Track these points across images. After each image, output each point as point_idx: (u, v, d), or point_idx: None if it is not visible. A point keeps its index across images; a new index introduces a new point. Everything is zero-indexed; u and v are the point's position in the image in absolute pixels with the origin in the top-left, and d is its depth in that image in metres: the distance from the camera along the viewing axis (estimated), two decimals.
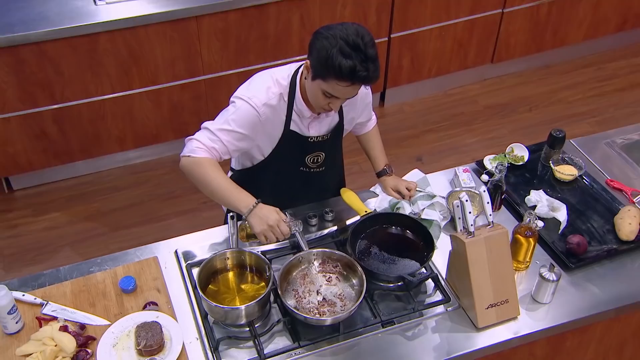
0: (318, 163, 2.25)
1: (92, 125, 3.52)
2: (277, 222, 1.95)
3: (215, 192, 1.99)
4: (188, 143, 2.04)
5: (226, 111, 2.06)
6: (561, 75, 4.56)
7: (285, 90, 2.05)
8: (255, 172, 2.23)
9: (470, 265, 1.92)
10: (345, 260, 2.04)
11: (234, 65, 3.60)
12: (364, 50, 1.83)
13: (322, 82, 1.91)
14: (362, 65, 1.83)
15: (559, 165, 2.49)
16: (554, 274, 2.00)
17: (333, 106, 1.98)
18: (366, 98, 2.26)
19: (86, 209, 3.57)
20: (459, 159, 3.81)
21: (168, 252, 2.18)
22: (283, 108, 2.07)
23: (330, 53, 1.83)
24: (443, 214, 2.29)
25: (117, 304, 2.00)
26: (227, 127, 2.02)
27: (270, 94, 2.03)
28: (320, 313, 1.94)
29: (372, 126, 2.43)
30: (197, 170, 2.00)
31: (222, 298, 1.98)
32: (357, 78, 1.85)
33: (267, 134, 2.10)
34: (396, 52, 4.00)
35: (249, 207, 1.95)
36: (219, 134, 2.01)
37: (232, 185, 1.99)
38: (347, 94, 1.93)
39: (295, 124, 2.11)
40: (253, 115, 2.02)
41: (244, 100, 2.02)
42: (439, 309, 2.02)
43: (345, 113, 2.20)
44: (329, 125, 2.19)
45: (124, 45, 3.29)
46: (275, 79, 2.06)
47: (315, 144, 2.18)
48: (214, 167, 1.99)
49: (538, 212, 2.30)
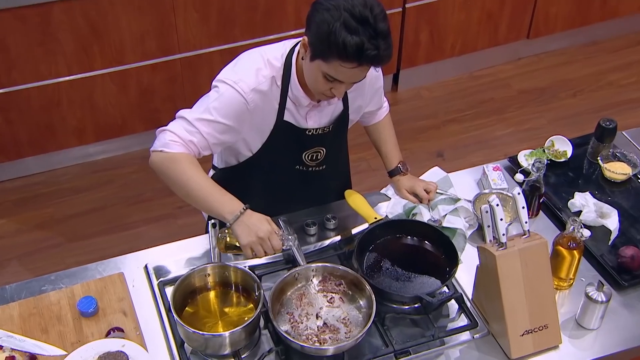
0: (318, 160, 2.25)
1: (45, 113, 3.52)
2: (268, 234, 1.93)
3: (192, 195, 1.98)
4: (160, 135, 2.03)
5: (207, 97, 2.06)
6: (611, 54, 4.56)
7: (279, 73, 2.05)
8: (242, 171, 2.23)
9: (501, 283, 1.92)
10: (350, 277, 2.04)
11: (216, 41, 3.60)
12: (373, 25, 1.83)
13: (322, 63, 1.91)
14: (371, 43, 1.83)
15: (609, 162, 2.49)
16: (603, 294, 2.00)
17: (336, 92, 1.98)
18: (376, 82, 2.27)
19: (37, 215, 3.57)
20: (487, 155, 3.81)
21: (136, 267, 2.18)
22: (276, 94, 2.07)
23: (333, 28, 1.83)
24: (469, 221, 2.30)
25: (75, 330, 2.00)
26: (208, 116, 2.02)
27: (260, 78, 2.03)
28: (320, 341, 1.94)
29: (384, 115, 2.43)
30: (171, 168, 1.99)
31: (202, 323, 1.98)
32: (365, 58, 1.85)
33: (256, 126, 2.10)
34: (412, 26, 4.00)
35: (234, 213, 1.94)
36: (197, 125, 2.01)
37: (214, 186, 1.99)
38: (352, 77, 1.93)
39: (290, 114, 2.12)
40: (239, 103, 2.02)
41: (228, 84, 2.02)
42: (464, 336, 2.02)
43: (351, 100, 2.21)
44: (331, 115, 2.19)
45: (82, 17, 3.29)
46: (267, 60, 2.06)
47: (315, 137, 2.18)
48: (191, 164, 1.99)
49: (584, 219, 2.30)
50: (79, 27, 3.31)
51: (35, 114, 3.50)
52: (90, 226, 3.51)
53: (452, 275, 2.06)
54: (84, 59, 3.42)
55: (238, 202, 1.96)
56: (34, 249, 3.41)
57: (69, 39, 3.33)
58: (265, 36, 3.62)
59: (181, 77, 3.65)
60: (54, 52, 3.35)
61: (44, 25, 3.25)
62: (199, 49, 3.59)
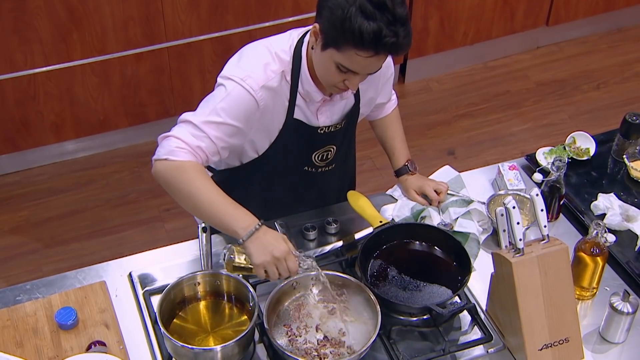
0: (327, 160, 2.25)
1: (20, 107, 3.52)
2: (285, 255, 1.88)
3: (202, 208, 1.95)
4: (164, 142, 1.99)
5: (212, 97, 2.03)
6: (638, 42, 4.56)
7: (288, 67, 2.05)
8: (244, 172, 2.22)
9: (518, 293, 1.92)
10: (353, 286, 2.04)
11: (207, 28, 3.60)
12: (391, 9, 1.83)
13: (335, 52, 1.90)
14: (389, 29, 1.83)
15: (636, 160, 2.50)
16: (629, 305, 2.00)
17: (350, 84, 1.97)
18: (387, 71, 2.27)
19: (11, 218, 3.57)
20: (503, 153, 3.82)
21: (120, 275, 2.18)
22: (285, 91, 2.07)
23: (348, 13, 1.82)
24: (482, 225, 2.30)
25: (53, 344, 2.00)
26: (216, 118, 1.99)
27: (269, 73, 2.02)
28: (320, 356, 1.94)
29: (392, 109, 2.44)
30: (177, 178, 1.95)
31: (192, 336, 1.98)
32: (382, 46, 1.85)
33: (265, 126, 2.10)
34: (421, 12, 4.00)
35: (249, 229, 1.88)
36: (205, 129, 1.98)
37: (225, 199, 1.94)
38: (368, 67, 1.93)
39: (300, 111, 2.11)
40: (249, 102, 2.01)
41: (235, 82, 2.00)
42: (478, 351, 2.02)
43: (362, 92, 2.21)
44: (343, 111, 2.19)
45: (60, 2, 3.29)
46: (275, 53, 2.05)
47: (326, 135, 2.18)
48: (200, 173, 1.95)
49: (608, 223, 2.30)
50: (56, 13, 3.31)
51: (9, 108, 3.50)
52: (70, 230, 3.51)
53: (464, 284, 2.06)
54: (63, 48, 3.42)
55: (252, 217, 1.92)
56: (7, 255, 3.41)
57: (45, 26, 3.33)
58: (261, 23, 3.62)
59: (169, 67, 3.65)
60: (30, 41, 3.35)
61: (19, 11, 3.25)
62: (188, 37, 3.59)
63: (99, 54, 3.49)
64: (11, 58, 3.36)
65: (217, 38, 3.61)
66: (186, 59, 3.65)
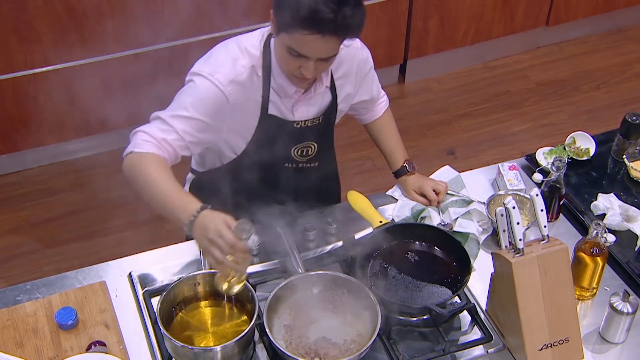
0: (309, 156, 2.25)
1: (19, 108, 3.52)
2: (218, 232, 1.76)
3: (153, 198, 1.92)
4: (132, 137, 2.01)
5: (181, 93, 2.05)
6: (638, 43, 4.56)
7: (258, 61, 2.05)
8: (225, 172, 2.22)
9: (518, 293, 1.92)
10: (353, 286, 2.04)
11: (207, 29, 3.59)
12: None
13: (285, 35, 1.90)
14: (327, 6, 1.80)
15: (636, 160, 2.50)
16: (629, 305, 2.00)
17: (305, 71, 1.95)
18: (364, 66, 2.25)
19: (11, 218, 3.57)
20: (503, 153, 3.82)
21: (120, 275, 2.18)
22: (257, 86, 2.06)
23: None
24: (482, 225, 2.30)
25: (53, 344, 2.00)
26: (184, 112, 2.00)
27: (238, 68, 2.03)
28: (320, 356, 1.94)
29: (384, 110, 2.43)
30: (137, 169, 1.94)
31: (192, 336, 1.98)
32: (321, 23, 1.82)
33: (239, 123, 2.09)
34: (420, 12, 4.00)
35: (189, 217, 1.82)
36: (172, 122, 1.99)
37: (175, 187, 1.91)
38: (317, 50, 1.90)
39: (274, 106, 2.11)
40: (217, 97, 2.01)
41: (203, 76, 2.02)
42: (478, 351, 2.02)
43: (339, 88, 2.20)
44: (320, 106, 2.19)
45: (60, 2, 3.29)
46: (244, 48, 2.05)
47: (304, 130, 2.18)
48: (156, 164, 1.94)
49: (608, 223, 2.30)
50: (56, 13, 3.31)
51: (8, 109, 3.50)
52: (69, 231, 3.51)
53: (464, 285, 2.06)
54: (62, 48, 3.41)
55: (196, 203, 1.85)
56: (7, 255, 3.41)
57: (45, 26, 3.33)
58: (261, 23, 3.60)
59: (169, 67, 3.64)
60: (29, 41, 3.34)
61: (19, 12, 3.25)
62: (188, 37, 3.59)
63: (99, 54, 3.49)
64: (10, 58, 3.36)
65: (217, 38, 3.59)
66: (186, 59, 3.64)
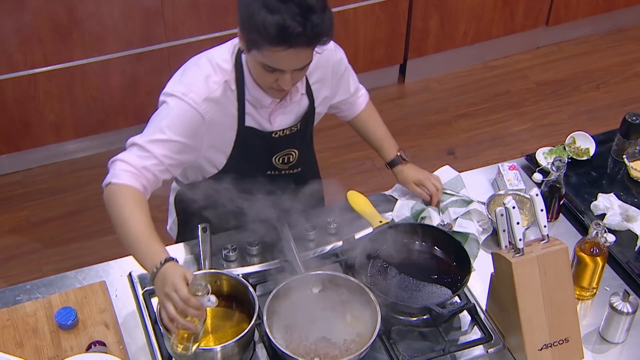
0: (291, 163, 2.23)
1: (19, 107, 3.52)
2: (174, 287, 1.73)
3: (124, 237, 1.87)
4: (111, 167, 1.98)
5: (156, 116, 2.02)
6: (638, 42, 4.56)
7: (231, 75, 2.02)
8: (209, 184, 2.18)
9: (518, 293, 1.92)
10: (352, 286, 2.04)
11: (207, 29, 3.60)
12: (297, 0, 1.77)
13: (256, 52, 1.88)
14: (294, 20, 1.77)
15: (636, 160, 2.50)
16: (629, 305, 2.00)
17: (282, 83, 1.93)
18: (339, 67, 2.23)
19: (11, 218, 3.57)
20: (503, 153, 3.82)
21: (120, 275, 2.18)
22: (232, 100, 2.04)
23: (252, 10, 1.79)
24: (482, 225, 2.30)
25: (53, 344, 2.00)
26: (161, 136, 1.97)
27: (211, 85, 2.00)
28: (320, 356, 1.94)
29: (365, 103, 2.41)
30: (114, 203, 1.89)
31: None
32: (291, 39, 1.80)
33: (217, 140, 2.07)
34: (420, 11, 4.00)
35: (152, 268, 1.79)
36: (150, 148, 1.96)
37: (146, 230, 1.86)
38: (292, 63, 1.89)
39: (252, 118, 2.09)
40: (193, 117, 1.99)
41: (177, 97, 1.99)
42: (478, 351, 2.02)
43: (316, 92, 2.18)
44: (297, 113, 2.16)
45: (60, 2, 3.29)
46: (216, 63, 2.03)
47: (283, 139, 2.16)
48: (133, 201, 1.89)
49: (608, 223, 2.30)
50: (56, 13, 3.31)
51: (9, 108, 3.50)
52: (69, 230, 3.51)
53: (464, 284, 2.06)
54: (63, 48, 3.42)
55: (163, 253, 1.82)
56: (7, 255, 3.41)
57: (46, 26, 3.33)
58: None
59: (169, 68, 3.65)
60: (30, 40, 3.34)
61: (19, 11, 3.25)
62: (188, 37, 3.59)
63: (99, 54, 3.49)
64: (11, 58, 3.36)
65: (217, 38, 3.60)
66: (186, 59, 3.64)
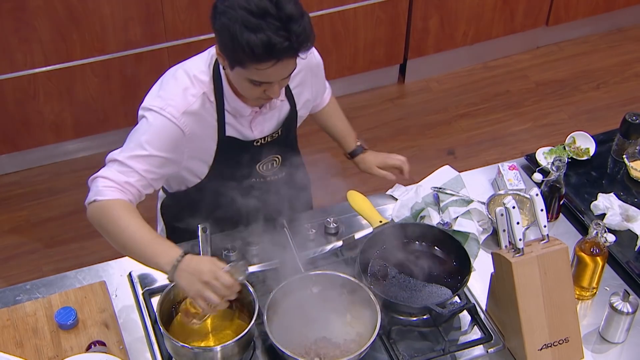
0: (274, 169, 2.22)
1: (19, 107, 3.52)
2: (214, 275, 1.77)
3: (128, 246, 1.89)
4: (92, 184, 1.96)
5: (136, 131, 2.01)
6: (637, 42, 4.56)
7: (209, 87, 2.02)
8: (194, 193, 2.19)
9: (518, 293, 1.92)
10: (352, 286, 2.04)
11: (207, 28, 3.57)
12: (275, 13, 1.77)
13: (242, 69, 1.87)
14: (279, 35, 1.77)
15: (636, 160, 2.49)
16: (629, 305, 2.00)
17: (271, 93, 1.93)
18: (318, 69, 2.23)
19: (11, 218, 3.57)
20: (503, 153, 3.82)
21: (120, 275, 2.18)
22: (211, 111, 2.03)
23: (233, 32, 1.79)
24: (482, 225, 2.30)
25: (53, 344, 2.00)
26: (141, 152, 1.96)
27: (189, 98, 2.00)
28: (320, 356, 1.94)
29: (329, 98, 2.42)
30: (105, 218, 1.90)
31: (192, 336, 1.98)
32: (278, 53, 1.80)
33: (197, 151, 2.07)
34: (420, 11, 4.00)
35: (171, 262, 1.81)
36: (131, 164, 1.95)
37: (150, 233, 1.89)
38: (278, 75, 1.89)
39: (232, 128, 2.08)
40: (173, 131, 1.98)
41: (156, 112, 1.99)
42: (478, 351, 2.02)
43: (297, 96, 2.17)
44: (278, 118, 2.16)
45: (60, 1, 3.29)
46: (193, 75, 2.02)
47: (265, 146, 2.15)
48: (126, 210, 1.90)
49: (608, 223, 2.30)
50: (56, 13, 3.31)
51: (9, 108, 3.50)
52: (69, 230, 3.51)
53: (464, 284, 2.06)
54: (63, 48, 3.42)
55: (175, 250, 1.85)
56: (7, 255, 3.41)
57: (45, 26, 3.33)
58: None
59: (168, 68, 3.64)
60: (30, 40, 3.34)
61: (19, 11, 3.25)
62: (188, 37, 3.59)
63: (99, 54, 3.49)
64: (11, 58, 3.36)
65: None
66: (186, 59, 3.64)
